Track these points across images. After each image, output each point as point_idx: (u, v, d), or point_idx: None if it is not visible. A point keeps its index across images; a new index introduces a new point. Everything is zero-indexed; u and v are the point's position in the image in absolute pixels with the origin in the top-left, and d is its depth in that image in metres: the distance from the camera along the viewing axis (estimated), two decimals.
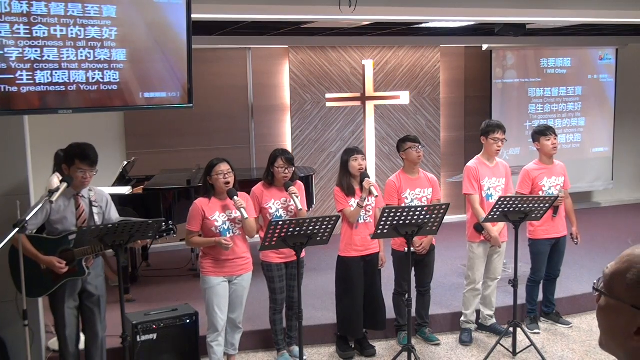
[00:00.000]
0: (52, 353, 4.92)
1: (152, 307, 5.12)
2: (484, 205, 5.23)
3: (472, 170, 5.29)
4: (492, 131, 5.25)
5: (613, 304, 1.30)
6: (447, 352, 5.25)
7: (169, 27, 4.63)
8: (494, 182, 5.29)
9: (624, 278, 1.29)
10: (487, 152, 5.33)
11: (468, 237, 5.38)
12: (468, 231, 5.37)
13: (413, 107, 9.05)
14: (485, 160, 5.34)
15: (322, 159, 8.75)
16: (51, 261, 4.07)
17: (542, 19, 6.84)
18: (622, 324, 1.28)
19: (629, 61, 10.07)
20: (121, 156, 7.85)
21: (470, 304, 5.43)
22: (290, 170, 4.83)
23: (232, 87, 8.39)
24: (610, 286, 1.32)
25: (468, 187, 5.28)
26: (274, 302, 4.95)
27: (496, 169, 5.35)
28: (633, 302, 1.26)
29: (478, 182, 5.26)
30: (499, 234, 5.23)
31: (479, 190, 5.26)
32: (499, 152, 5.34)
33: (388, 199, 5.14)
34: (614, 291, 1.31)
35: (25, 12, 3.99)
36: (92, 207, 4.26)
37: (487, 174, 5.29)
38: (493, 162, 5.35)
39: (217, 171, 4.50)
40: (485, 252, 5.33)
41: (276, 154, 4.87)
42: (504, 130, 5.31)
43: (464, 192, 5.34)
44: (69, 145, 4.23)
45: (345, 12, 5.32)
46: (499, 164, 5.40)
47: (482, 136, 5.34)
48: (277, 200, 4.85)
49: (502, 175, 5.35)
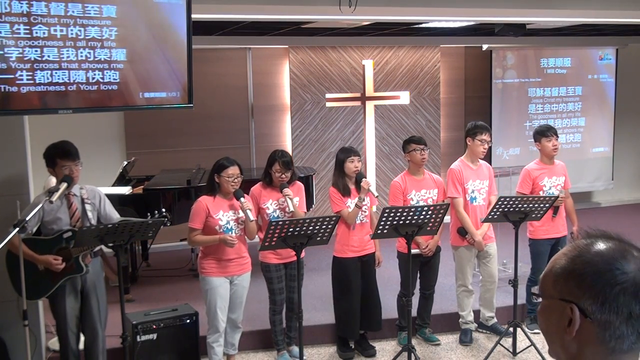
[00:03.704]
0: (52, 353, 4.92)
1: (152, 307, 5.13)
2: (468, 208, 5.21)
3: (455, 173, 5.24)
4: (479, 132, 5.22)
5: (546, 304, 1.31)
6: (447, 352, 5.25)
7: (169, 27, 4.63)
8: (478, 185, 5.26)
9: (551, 274, 1.30)
10: (471, 154, 5.29)
11: (451, 242, 5.35)
12: (451, 235, 5.34)
13: (413, 107, 9.05)
14: (469, 162, 5.30)
15: (322, 159, 8.75)
16: (47, 259, 4.07)
17: (542, 19, 6.84)
18: (555, 320, 1.28)
19: (629, 61, 10.07)
20: (121, 156, 7.85)
21: (464, 305, 5.42)
22: (288, 174, 4.82)
23: (232, 87, 8.39)
24: (542, 288, 1.33)
25: (452, 190, 5.22)
26: (273, 303, 4.94)
27: (480, 170, 5.31)
28: (560, 296, 1.27)
29: (462, 185, 5.22)
30: (482, 237, 5.21)
31: (462, 193, 5.23)
32: (485, 153, 5.32)
33: (393, 200, 5.11)
34: (545, 291, 1.32)
35: (25, 12, 3.99)
36: (85, 204, 4.25)
37: (471, 176, 5.25)
38: (477, 164, 5.32)
39: (227, 174, 4.50)
40: (472, 254, 5.31)
41: (274, 157, 4.85)
42: (490, 132, 5.31)
43: (447, 196, 5.25)
44: (46, 148, 4.22)
45: (345, 12, 5.32)
46: (482, 166, 5.36)
47: (467, 137, 5.29)
48: (275, 200, 4.84)
49: (486, 177, 5.32)
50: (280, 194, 4.79)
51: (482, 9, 6.17)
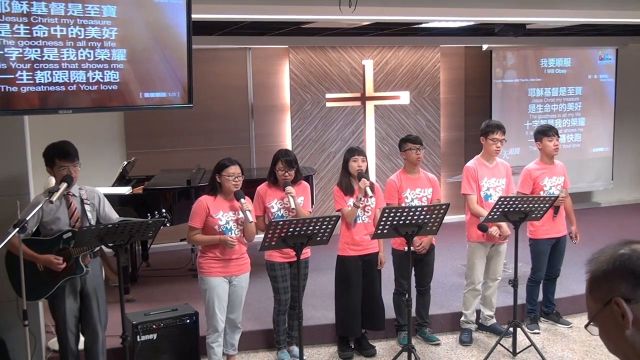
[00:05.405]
0: (52, 353, 4.91)
1: (152, 307, 5.12)
2: (483, 205, 5.23)
3: (470, 171, 5.29)
4: (491, 131, 5.25)
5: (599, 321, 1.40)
6: (447, 352, 5.25)
7: (169, 27, 4.63)
8: (494, 183, 5.29)
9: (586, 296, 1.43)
10: (486, 153, 5.33)
11: (468, 237, 5.38)
12: (467, 231, 5.37)
13: (413, 107, 9.05)
14: (484, 161, 5.34)
15: (322, 159, 8.75)
16: (48, 259, 4.07)
17: (542, 19, 6.84)
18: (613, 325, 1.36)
19: (629, 61, 10.07)
20: (121, 156, 7.85)
21: (470, 304, 5.43)
22: (291, 172, 4.83)
23: (232, 87, 8.39)
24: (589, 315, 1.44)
25: (466, 187, 5.28)
26: (278, 303, 4.94)
27: (496, 169, 5.35)
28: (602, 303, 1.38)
29: (476, 182, 5.25)
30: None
31: (477, 190, 5.26)
32: (499, 152, 5.34)
33: (388, 198, 5.15)
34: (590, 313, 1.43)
35: (25, 12, 3.99)
36: (84, 205, 4.24)
37: (487, 174, 5.29)
38: (493, 163, 5.35)
39: (229, 172, 4.51)
40: (485, 252, 5.33)
41: (278, 155, 4.87)
42: (503, 131, 5.31)
43: (462, 192, 5.35)
44: (46, 147, 4.22)
45: (345, 12, 5.32)
46: (499, 164, 5.40)
47: (481, 136, 5.34)
48: (279, 200, 4.85)
49: (502, 175, 5.35)
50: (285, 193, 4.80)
51: (482, 9, 6.18)
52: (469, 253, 5.37)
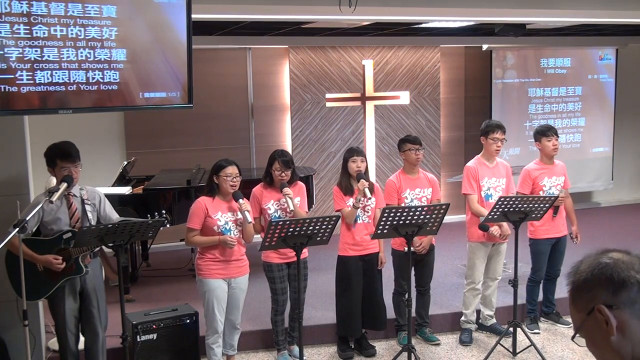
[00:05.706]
0: (52, 353, 4.91)
1: (152, 307, 5.12)
2: (483, 205, 5.23)
3: (471, 170, 5.29)
4: (491, 131, 5.26)
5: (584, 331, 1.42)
6: (447, 352, 5.25)
7: (169, 27, 4.63)
8: (494, 182, 5.29)
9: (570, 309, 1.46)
10: (486, 152, 5.34)
11: (468, 237, 5.38)
12: (468, 231, 5.37)
13: (413, 107, 9.05)
14: (485, 161, 5.34)
15: (322, 159, 8.75)
16: (47, 259, 4.07)
17: (542, 19, 6.84)
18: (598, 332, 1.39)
19: (629, 61, 10.07)
20: (121, 156, 7.85)
21: (470, 303, 5.44)
22: (288, 172, 4.82)
23: (232, 87, 8.39)
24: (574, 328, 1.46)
25: (467, 187, 5.29)
26: (275, 303, 4.94)
27: (496, 169, 5.35)
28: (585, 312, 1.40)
29: (477, 182, 5.26)
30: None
31: (478, 190, 5.26)
32: (499, 152, 5.35)
33: (388, 198, 5.15)
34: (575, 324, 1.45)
35: (25, 12, 3.99)
36: (85, 205, 4.24)
37: (487, 174, 5.29)
38: (493, 162, 5.35)
39: (226, 173, 4.50)
40: (486, 252, 5.34)
41: (274, 156, 4.86)
42: (503, 130, 5.31)
43: (463, 192, 5.36)
44: (47, 148, 4.22)
45: (345, 12, 5.33)
46: (500, 164, 5.40)
47: (481, 136, 5.34)
48: (276, 201, 4.84)
49: (503, 175, 5.35)
50: (281, 194, 4.79)
51: (482, 9, 6.18)
52: (470, 253, 5.37)
